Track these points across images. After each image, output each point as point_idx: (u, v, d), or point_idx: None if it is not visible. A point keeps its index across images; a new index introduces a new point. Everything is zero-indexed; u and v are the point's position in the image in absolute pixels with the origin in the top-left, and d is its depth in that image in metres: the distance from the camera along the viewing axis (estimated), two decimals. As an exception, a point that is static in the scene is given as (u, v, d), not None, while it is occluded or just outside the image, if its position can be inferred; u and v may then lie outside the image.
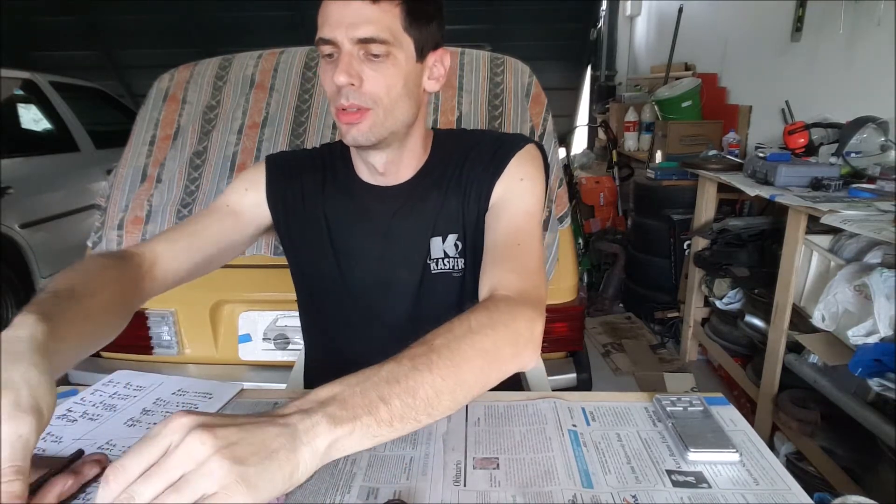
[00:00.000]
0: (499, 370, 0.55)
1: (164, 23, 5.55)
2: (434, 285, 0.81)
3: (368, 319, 0.84)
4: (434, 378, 0.49)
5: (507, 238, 0.72)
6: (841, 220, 1.38)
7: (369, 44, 0.65)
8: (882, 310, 1.28)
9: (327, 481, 0.54)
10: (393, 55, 0.67)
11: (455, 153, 0.82)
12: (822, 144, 2.05)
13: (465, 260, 0.81)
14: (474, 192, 0.79)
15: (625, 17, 5.13)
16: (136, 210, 1.49)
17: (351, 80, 0.65)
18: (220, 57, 1.76)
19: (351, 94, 0.66)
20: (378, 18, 0.64)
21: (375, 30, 0.64)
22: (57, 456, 0.58)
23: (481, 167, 0.79)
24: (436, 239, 0.80)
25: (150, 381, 0.74)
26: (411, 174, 0.80)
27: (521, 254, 0.70)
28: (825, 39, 2.26)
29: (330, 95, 0.69)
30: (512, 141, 0.81)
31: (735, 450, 0.56)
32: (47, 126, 3.19)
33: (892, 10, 1.89)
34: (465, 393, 0.52)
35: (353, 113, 0.67)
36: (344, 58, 0.65)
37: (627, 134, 3.68)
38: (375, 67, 0.66)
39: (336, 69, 0.65)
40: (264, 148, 1.56)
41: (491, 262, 0.70)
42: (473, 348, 0.53)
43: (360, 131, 0.68)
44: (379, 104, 0.68)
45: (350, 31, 0.64)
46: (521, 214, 0.75)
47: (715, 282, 2.18)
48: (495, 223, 0.75)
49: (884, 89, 1.92)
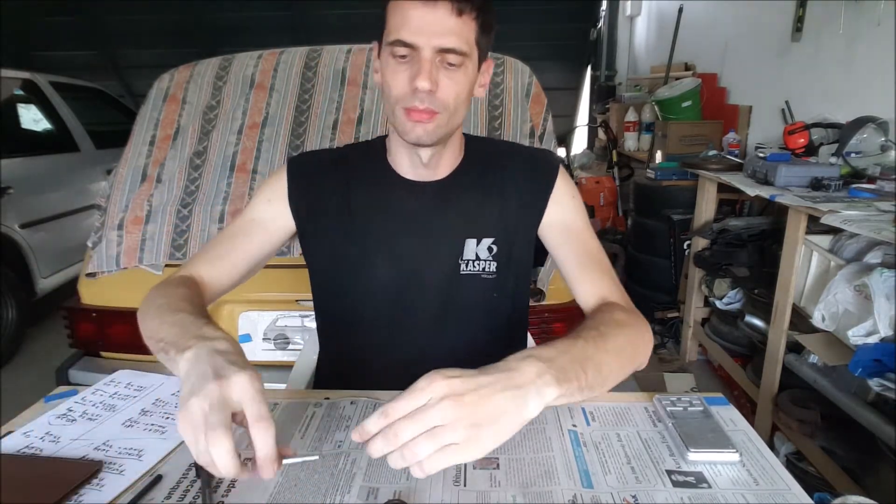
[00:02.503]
0: (635, 361, 0.66)
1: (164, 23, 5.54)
2: (462, 286, 0.82)
3: (392, 316, 0.84)
4: (609, 358, 0.60)
5: (589, 252, 0.81)
6: (841, 220, 1.38)
7: (449, 54, 0.68)
8: (882, 310, 1.28)
9: (328, 481, 0.54)
10: (465, 65, 0.70)
11: (490, 158, 0.85)
12: (822, 144, 2.05)
13: (498, 264, 0.83)
14: (517, 202, 0.83)
15: (625, 17, 5.13)
16: (136, 210, 1.49)
17: (432, 86, 0.68)
18: (220, 57, 1.76)
19: (426, 99, 0.69)
20: (460, 30, 0.68)
21: (457, 41, 0.67)
22: (56, 456, 0.58)
23: (525, 179, 0.83)
24: (471, 241, 0.82)
25: (151, 382, 0.75)
26: (448, 172, 0.82)
27: (605, 268, 0.80)
28: (825, 39, 2.26)
29: (398, 94, 0.70)
30: (549, 158, 0.87)
31: (735, 450, 0.56)
32: (47, 126, 3.19)
33: (892, 10, 1.89)
34: (621, 374, 0.62)
35: (423, 112, 0.70)
36: (425, 64, 0.67)
37: (627, 134, 3.68)
38: (450, 76, 0.69)
39: (417, 73, 0.67)
40: (264, 148, 1.56)
41: (582, 274, 0.80)
42: (626, 339, 0.65)
43: (426, 131, 0.71)
44: (447, 109, 0.71)
45: (434, 39, 0.67)
46: (586, 230, 0.84)
47: (715, 282, 2.18)
48: (568, 234, 0.83)
49: (884, 89, 1.91)
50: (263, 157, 1.55)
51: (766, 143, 2.39)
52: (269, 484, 0.54)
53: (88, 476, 0.54)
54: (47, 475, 0.55)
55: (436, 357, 0.67)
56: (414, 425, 0.47)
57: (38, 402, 0.70)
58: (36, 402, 0.70)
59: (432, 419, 0.47)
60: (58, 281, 2.99)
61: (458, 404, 0.48)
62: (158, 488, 0.54)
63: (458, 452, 0.47)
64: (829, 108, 2.16)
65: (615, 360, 0.61)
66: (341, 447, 0.59)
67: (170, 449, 0.60)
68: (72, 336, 1.51)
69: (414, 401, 0.48)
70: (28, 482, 0.54)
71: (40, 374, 2.49)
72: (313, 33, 5.49)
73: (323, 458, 0.58)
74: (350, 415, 0.66)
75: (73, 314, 1.49)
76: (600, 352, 0.59)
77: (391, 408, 0.48)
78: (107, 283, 1.46)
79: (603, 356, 0.59)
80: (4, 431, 0.63)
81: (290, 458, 0.50)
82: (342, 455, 0.58)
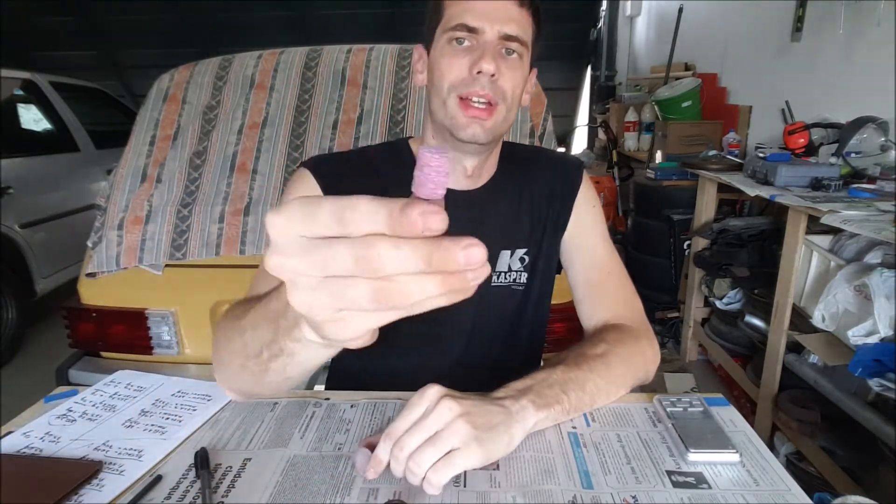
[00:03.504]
0: (634, 377, 0.69)
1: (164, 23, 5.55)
2: (493, 298, 0.79)
3: (424, 334, 0.79)
4: (596, 378, 0.63)
5: (600, 269, 0.81)
6: (841, 220, 1.38)
7: (512, 41, 0.67)
8: (882, 310, 1.28)
9: (328, 482, 0.54)
10: (523, 58, 0.69)
11: (523, 165, 0.83)
12: (822, 144, 2.05)
13: (528, 275, 0.81)
14: (547, 210, 0.81)
15: (625, 18, 5.13)
16: (136, 210, 1.49)
17: (495, 70, 0.65)
18: (220, 57, 1.76)
19: (487, 84, 0.66)
20: (522, 20, 0.68)
21: (520, 29, 0.67)
22: (56, 456, 0.58)
23: (554, 186, 0.82)
24: (505, 252, 0.79)
25: (151, 382, 0.74)
26: (485, 181, 0.79)
27: (618, 283, 0.80)
28: (825, 39, 2.25)
29: (455, 80, 0.67)
30: (573, 164, 0.86)
31: (735, 450, 0.56)
32: (47, 126, 3.19)
33: (892, 10, 1.89)
34: (614, 392, 0.66)
35: (482, 109, 0.67)
36: (489, 48, 0.65)
37: (627, 134, 3.67)
38: (510, 65, 0.68)
39: (481, 57, 0.65)
40: (264, 148, 1.56)
41: (591, 294, 0.80)
42: (617, 357, 0.67)
43: (483, 127, 0.68)
44: (505, 101, 0.68)
45: (499, 24, 0.66)
46: (602, 242, 0.82)
47: (715, 282, 2.18)
48: (581, 253, 0.82)
49: (884, 89, 1.91)
50: (263, 157, 1.55)
51: (766, 143, 2.40)
52: (269, 484, 0.54)
53: (88, 476, 0.54)
54: (47, 475, 0.55)
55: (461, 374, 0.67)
56: (416, 435, 0.48)
57: (38, 403, 0.70)
58: (36, 402, 0.70)
59: (432, 424, 0.49)
60: (58, 281, 2.99)
61: (455, 402, 0.50)
62: (158, 489, 0.54)
63: (460, 458, 0.48)
64: (829, 108, 2.16)
65: (602, 378, 0.64)
66: (341, 449, 0.59)
67: (170, 449, 0.60)
68: (72, 336, 1.51)
69: (411, 415, 0.50)
70: (28, 482, 0.54)
71: (40, 374, 2.49)
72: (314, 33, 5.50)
73: (323, 459, 0.58)
74: (350, 418, 0.66)
75: (73, 314, 1.49)
76: (583, 372, 0.62)
77: (392, 429, 0.50)
78: (107, 283, 1.46)
79: (587, 375, 0.62)
80: (4, 431, 0.63)
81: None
82: (342, 457, 0.58)
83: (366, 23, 5.54)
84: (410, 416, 0.50)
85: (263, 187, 1.51)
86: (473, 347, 0.81)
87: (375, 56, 1.69)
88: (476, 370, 0.79)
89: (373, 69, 1.66)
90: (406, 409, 0.51)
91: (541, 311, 0.86)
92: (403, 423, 0.50)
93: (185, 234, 1.46)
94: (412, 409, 0.50)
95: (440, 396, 0.51)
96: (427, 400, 0.51)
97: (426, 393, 0.51)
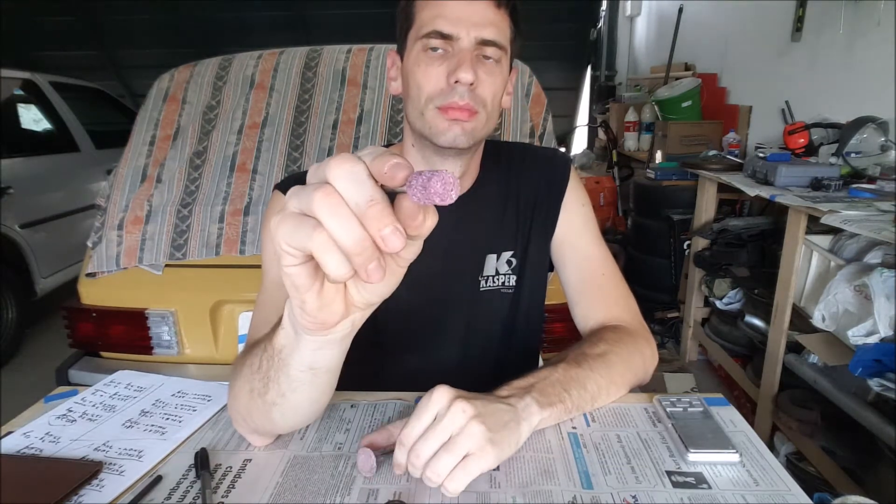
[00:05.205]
0: (634, 376, 0.69)
1: (164, 23, 5.55)
2: (483, 303, 0.79)
3: (413, 339, 0.78)
4: (597, 377, 0.63)
5: (593, 269, 0.79)
6: (841, 220, 1.38)
7: (489, 46, 0.64)
8: (882, 310, 1.28)
9: (328, 482, 0.54)
10: (502, 62, 0.66)
11: (508, 165, 0.80)
12: (822, 144, 2.05)
13: (517, 277, 0.79)
14: (531, 211, 0.79)
15: (625, 18, 5.13)
16: (136, 210, 1.49)
17: (473, 79, 0.62)
18: (220, 57, 1.76)
19: (466, 94, 0.63)
20: (499, 23, 0.65)
21: (497, 32, 0.64)
22: (56, 456, 0.58)
23: (541, 185, 0.79)
24: (491, 256, 0.78)
25: (151, 382, 0.74)
26: (468, 186, 0.77)
27: (612, 284, 0.79)
28: (825, 39, 2.25)
29: (432, 91, 0.64)
30: (561, 159, 0.83)
31: (735, 450, 0.56)
32: (47, 126, 3.19)
33: (892, 10, 1.89)
34: (614, 391, 0.66)
35: (462, 109, 0.64)
36: (466, 55, 0.63)
37: (627, 134, 3.68)
38: (488, 71, 0.65)
39: (458, 66, 0.62)
40: (264, 148, 1.56)
41: (586, 296, 0.78)
42: (617, 356, 0.66)
43: (464, 131, 0.65)
44: (485, 108, 0.66)
45: (475, 30, 0.63)
46: (594, 242, 0.80)
47: (715, 282, 2.18)
48: (573, 254, 0.80)
49: (884, 89, 1.91)
50: (263, 157, 1.55)
51: (766, 143, 2.40)
52: (269, 485, 0.54)
53: (88, 477, 0.54)
54: (47, 476, 0.55)
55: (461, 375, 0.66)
56: (431, 441, 0.48)
57: (38, 403, 0.70)
58: (36, 402, 0.70)
59: (446, 428, 0.48)
60: (58, 281, 2.99)
61: (469, 404, 0.49)
62: (158, 489, 0.54)
63: (476, 462, 0.48)
64: (829, 108, 2.16)
65: (603, 378, 0.63)
66: (341, 449, 0.59)
67: (170, 450, 0.60)
68: (72, 336, 1.51)
69: (422, 420, 0.49)
70: (28, 482, 0.54)
71: (40, 374, 2.49)
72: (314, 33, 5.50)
73: (323, 459, 0.58)
74: (350, 418, 0.66)
75: (73, 314, 1.49)
76: (584, 371, 0.62)
77: (404, 436, 0.49)
78: (107, 283, 1.46)
79: (590, 375, 0.62)
80: (4, 431, 0.63)
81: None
82: (342, 457, 0.58)
83: (366, 23, 5.53)
84: (423, 419, 0.49)
85: (263, 187, 1.51)
86: (470, 349, 0.80)
87: (375, 56, 1.69)
88: (476, 372, 0.79)
89: (373, 69, 1.66)
90: (417, 412, 0.50)
91: (534, 312, 0.84)
92: (417, 428, 0.49)
93: (185, 234, 1.46)
94: (424, 411, 0.49)
95: (452, 398, 0.50)
96: (437, 402, 0.50)
97: (436, 394, 0.50)
